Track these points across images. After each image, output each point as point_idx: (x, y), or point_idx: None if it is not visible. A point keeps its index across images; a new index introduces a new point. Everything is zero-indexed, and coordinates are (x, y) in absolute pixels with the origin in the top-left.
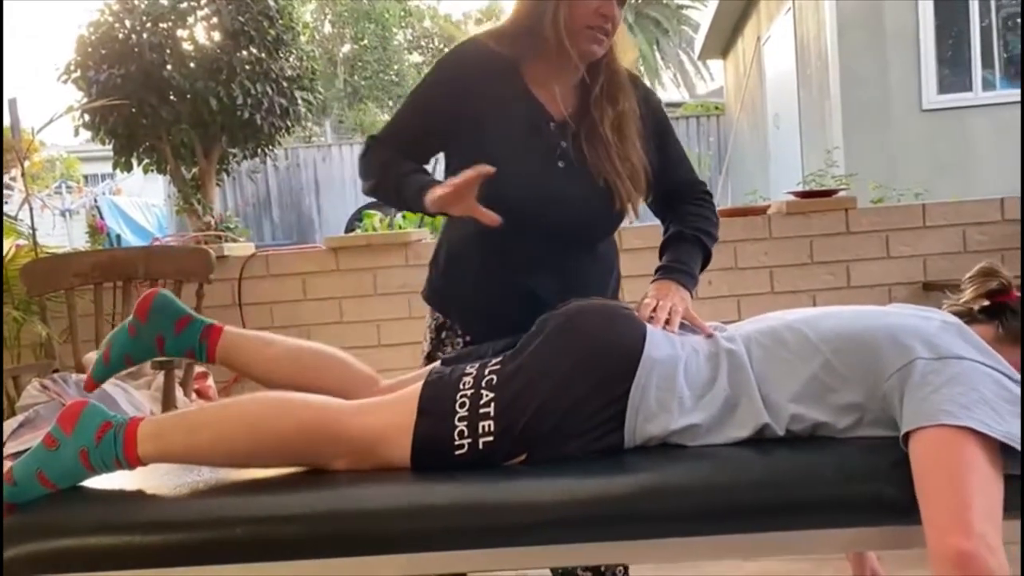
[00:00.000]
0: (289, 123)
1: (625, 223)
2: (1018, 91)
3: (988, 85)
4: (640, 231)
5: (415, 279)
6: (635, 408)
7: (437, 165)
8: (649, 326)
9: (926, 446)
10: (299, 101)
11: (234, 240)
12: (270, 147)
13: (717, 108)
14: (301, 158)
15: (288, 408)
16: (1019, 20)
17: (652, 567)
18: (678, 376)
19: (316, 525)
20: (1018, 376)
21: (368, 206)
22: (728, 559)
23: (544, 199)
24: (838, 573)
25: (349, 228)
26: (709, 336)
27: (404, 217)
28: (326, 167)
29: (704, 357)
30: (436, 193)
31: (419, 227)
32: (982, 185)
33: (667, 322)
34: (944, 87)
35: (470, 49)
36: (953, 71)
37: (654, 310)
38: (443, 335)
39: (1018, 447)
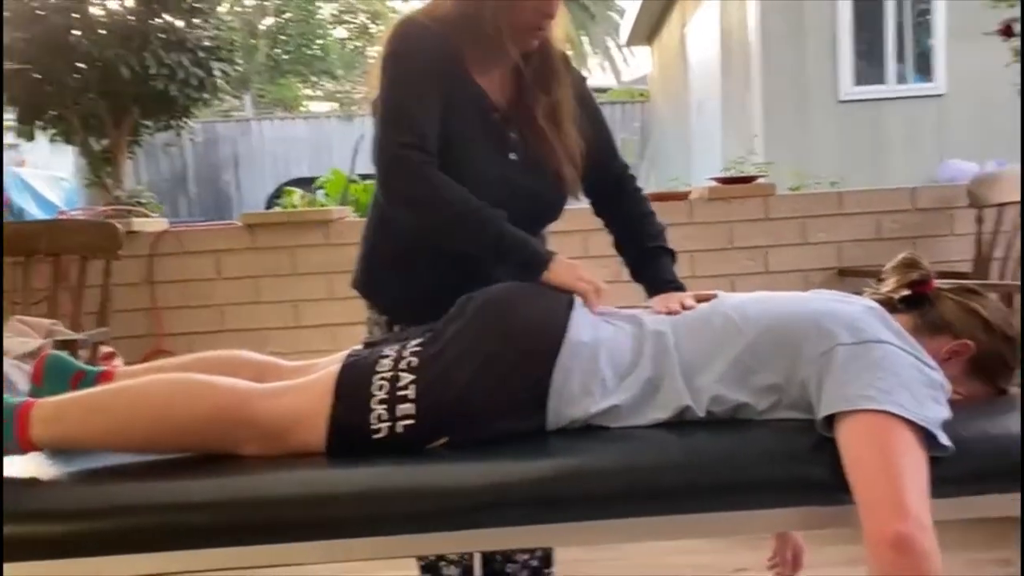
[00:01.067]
0: (205, 95)
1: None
2: (928, 85)
3: (901, 79)
4: None
5: (336, 258)
6: (557, 390)
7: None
8: (575, 310)
9: (856, 431)
10: (216, 72)
11: (145, 215)
12: (185, 119)
13: (642, 95)
14: (220, 132)
15: (194, 391)
16: (929, 17)
17: (575, 548)
18: (600, 357)
19: (227, 512)
20: (934, 363)
21: (290, 182)
22: (650, 541)
23: (506, 193)
24: (755, 551)
25: (269, 205)
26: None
27: (327, 195)
28: (246, 142)
29: (628, 339)
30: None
31: (341, 205)
32: (893, 174)
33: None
34: (860, 79)
35: (415, 28)
36: (868, 64)
37: (668, 310)
38: (395, 328)
39: (935, 431)
